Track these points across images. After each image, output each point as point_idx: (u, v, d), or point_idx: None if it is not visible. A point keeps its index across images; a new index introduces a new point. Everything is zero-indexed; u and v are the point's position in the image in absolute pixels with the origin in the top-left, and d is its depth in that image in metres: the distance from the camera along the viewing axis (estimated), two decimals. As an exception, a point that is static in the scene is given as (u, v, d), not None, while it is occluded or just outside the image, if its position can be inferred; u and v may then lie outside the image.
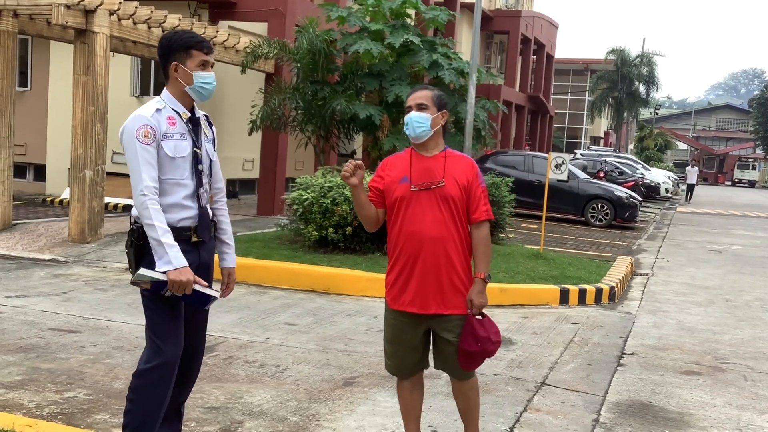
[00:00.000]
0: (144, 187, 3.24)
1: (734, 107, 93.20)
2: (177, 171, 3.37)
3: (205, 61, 3.41)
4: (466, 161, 3.76)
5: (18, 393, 4.62)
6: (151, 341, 3.39)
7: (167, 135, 3.34)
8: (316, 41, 11.15)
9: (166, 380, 3.39)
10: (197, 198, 3.45)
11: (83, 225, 10.32)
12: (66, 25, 9.91)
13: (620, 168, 26.79)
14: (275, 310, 7.43)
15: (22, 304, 7.01)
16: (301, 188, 9.80)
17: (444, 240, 3.61)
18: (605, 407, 5.12)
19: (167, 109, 3.39)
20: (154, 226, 3.23)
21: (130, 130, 3.29)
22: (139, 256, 3.38)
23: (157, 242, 3.23)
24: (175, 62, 3.38)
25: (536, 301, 8.33)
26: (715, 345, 7.10)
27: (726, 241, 16.65)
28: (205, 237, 3.49)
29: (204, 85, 3.42)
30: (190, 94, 3.43)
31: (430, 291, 3.62)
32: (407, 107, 3.75)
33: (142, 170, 3.25)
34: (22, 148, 16.06)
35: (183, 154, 3.39)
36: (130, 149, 3.28)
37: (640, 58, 51.31)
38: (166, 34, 3.50)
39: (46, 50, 15.97)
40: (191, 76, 3.39)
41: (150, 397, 3.37)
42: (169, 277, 3.23)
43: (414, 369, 3.83)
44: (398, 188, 3.67)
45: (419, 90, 3.82)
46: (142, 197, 3.24)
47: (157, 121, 3.32)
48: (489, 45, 33.59)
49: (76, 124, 10.31)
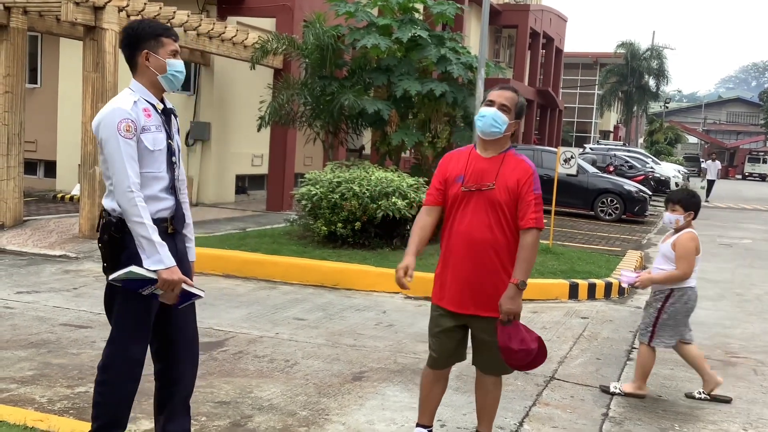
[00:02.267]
0: (131, 183, 3.17)
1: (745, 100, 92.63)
2: (155, 164, 3.31)
3: (175, 50, 3.37)
4: (523, 166, 3.68)
5: (30, 388, 4.65)
6: (117, 337, 3.34)
7: (145, 128, 3.27)
8: (324, 36, 11.14)
9: (129, 375, 3.35)
10: (173, 190, 3.41)
11: (94, 221, 10.35)
12: (75, 21, 9.94)
13: (630, 162, 26.65)
14: (285, 305, 7.45)
15: (33, 300, 7.06)
16: (310, 184, 9.82)
17: (488, 243, 3.62)
18: (614, 401, 5.12)
19: (141, 101, 3.33)
20: (144, 224, 3.17)
21: (111, 124, 3.20)
22: (116, 250, 3.29)
23: (147, 240, 3.18)
24: (146, 50, 3.32)
25: (545, 295, 8.32)
26: (726, 339, 7.07)
27: (736, 235, 16.57)
28: (180, 228, 3.47)
29: (176, 74, 3.37)
30: (161, 83, 3.37)
31: (470, 292, 3.66)
32: (489, 101, 3.69)
33: (127, 166, 3.18)
34: (32, 145, 16.13)
35: (160, 147, 3.33)
36: (112, 144, 3.19)
37: (649, 52, 51.08)
38: (131, 22, 3.41)
39: (56, 47, 16.03)
40: (164, 64, 3.33)
41: (116, 390, 3.34)
42: (161, 276, 3.19)
43: (449, 360, 3.88)
44: (454, 186, 3.71)
45: (508, 90, 3.72)
46: (129, 194, 3.17)
47: (135, 113, 3.25)
48: (498, 39, 33.51)
49: (86, 121, 10.34)
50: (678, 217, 5.11)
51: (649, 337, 5.19)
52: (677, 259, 5.05)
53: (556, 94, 36.87)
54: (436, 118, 11.66)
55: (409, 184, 9.77)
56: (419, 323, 6.91)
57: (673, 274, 5.05)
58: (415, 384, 5.06)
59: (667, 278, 5.07)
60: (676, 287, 5.11)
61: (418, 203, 9.61)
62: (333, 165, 10.40)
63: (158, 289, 3.25)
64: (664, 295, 5.15)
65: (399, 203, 9.29)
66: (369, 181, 9.49)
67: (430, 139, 11.55)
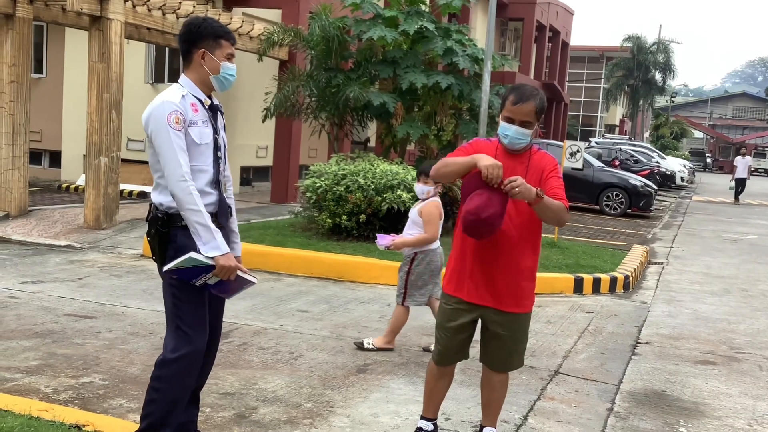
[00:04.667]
0: (184, 172, 3.23)
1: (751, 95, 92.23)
2: (201, 157, 3.37)
3: (231, 53, 3.44)
4: (547, 158, 3.67)
5: (35, 378, 4.66)
6: (179, 330, 3.38)
7: (193, 122, 3.34)
8: (330, 28, 11.11)
9: (194, 369, 3.41)
10: (217, 184, 3.46)
11: (98, 211, 10.37)
12: (81, 11, 9.93)
13: (635, 156, 26.58)
14: (289, 297, 7.45)
15: (38, 290, 7.06)
16: (314, 176, 9.80)
17: (512, 240, 3.59)
18: (619, 396, 5.10)
19: (189, 95, 3.38)
20: (201, 211, 3.24)
21: (160, 116, 3.26)
22: (164, 245, 3.37)
23: (204, 227, 3.24)
24: (203, 49, 3.37)
25: (550, 289, 8.31)
26: (731, 335, 7.05)
27: (742, 231, 16.52)
28: (225, 223, 3.52)
29: (228, 76, 3.45)
30: (212, 83, 3.43)
31: (492, 286, 3.64)
32: (507, 117, 3.54)
33: (179, 156, 3.24)
34: (37, 135, 16.15)
35: (207, 141, 3.39)
36: (162, 135, 3.25)
37: (656, 46, 50.86)
38: (193, 19, 3.46)
39: (62, 37, 16.01)
40: (219, 66, 3.40)
41: (177, 386, 3.38)
42: (219, 262, 3.25)
43: (456, 357, 3.86)
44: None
45: (526, 104, 3.51)
46: (183, 182, 3.22)
47: (184, 107, 3.32)
48: (504, 32, 33.37)
49: (91, 111, 10.34)
50: (429, 188, 5.58)
51: (402, 297, 5.64)
52: (425, 224, 5.52)
53: (561, 87, 36.74)
54: (442, 111, 11.63)
55: (414, 176, 9.74)
56: (423, 316, 6.90)
57: (423, 237, 5.53)
58: (419, 377, 5.05)
59: (418, 241, 5.54)
60: (419, 251, 5.59)
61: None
62: (338, 157, 10.38)
63: (212, 277, 3.29)
64: (410, 258, 5.62)
65: (404, 196, 9.26)
66: (374, 173, 9.48)
67: (436, 132, 11.52)
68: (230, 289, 3.44)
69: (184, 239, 3.32)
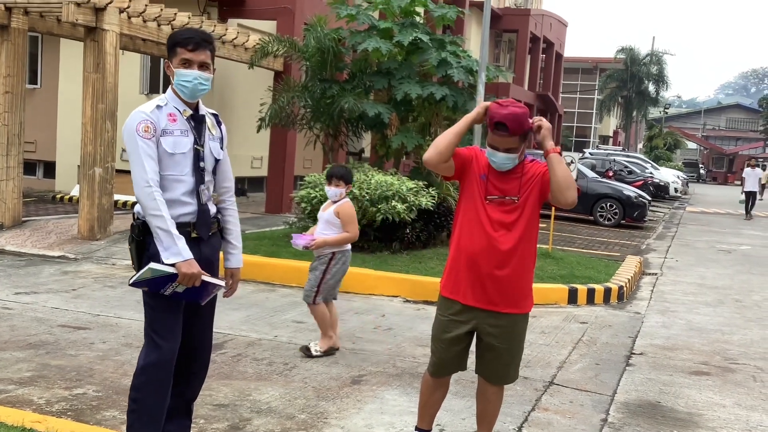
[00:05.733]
0: (149, 178, 3.24)
1: (744, 107, 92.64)
2: (177, 167, 3.36)
3: (186, 59, 3.34)
4: (537, 165, 3.71)
5: (28, 389, 4.64)
6: (150, 338, 3.40)
7: (166, 131, 3.33)
8: (325, 39, 11.14)
9: (165, 377, 3.40)
10: (197, 195, 3.43)
11: (93, 222, 10.35)
12: (76, 22, 9.94)
13: (629, 167, 26.67)
14: (283, 307, 7.44)
15: (31, 301, 7.04)
16: (309, 186, 9.81)
17: (510, 249, 3.61)
18: (614, 407, 5.11)
19: (169, 106, 3.39)
20: (163, 216, 3.22)
21: (131, 126, 3.31)
22: (139, 252, 3.38)
23: (165, 232, 3.23)
24: (167, 60, 3.42)
25: (544, 300, 8.31)
26: (725, 345, 7.07)
27: (735, 241, 16.57)
28: (204, 234, 3.47)
29: (184, 83, 3.36)
30: (178, 93, 3.40)
31: (489, 290, 3.64)
32: (492, 145, 3.59)
33: (145, 163, 3.26)
34: (32, 145, 16.12)
35: (183, 151, 3.37)
36: (131, 144, 3.29)
37: (649, 57, 51.18)
38: None
39: (57, 48, 16.02)
40: (174, 74, 3.38)
41: (154, 394, 3.38)
42: (180, 269, 3.23)
43: (451, 368, 3.87)
44: (477, 182, 3.68)
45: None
46: (147, 188, 3.24)
47: (156, 117, 3.33)
48: (498, 43, 33.53)
49: (85, 122, 10.34)
50: (341, 190, 5.76)
51: (314, 297, 5.76)
52: (346, 224, 5.69)
53: (555, 98, 36.89)
54: (437, 122, 11.67)
55: (409, 187, 9.76)
56: (418, 327, 6.90)
57: (346, 236, 5.71)
58: (413, 388, 5.05)
59: (340, 240, 5.71)
60: (338, 250, 5.74)
61: (417, 207, 9.61)
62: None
63: (179, 285, 3.28)
64: (327, 258, 5.75)
65: (399, 207, 9.28)
66: (369, 184, 9.49)
67: (430, 142, 11.52)
68: (200, 295, 3.41)
69: (155, 247, 3.31)
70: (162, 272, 3.23)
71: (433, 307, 7.59)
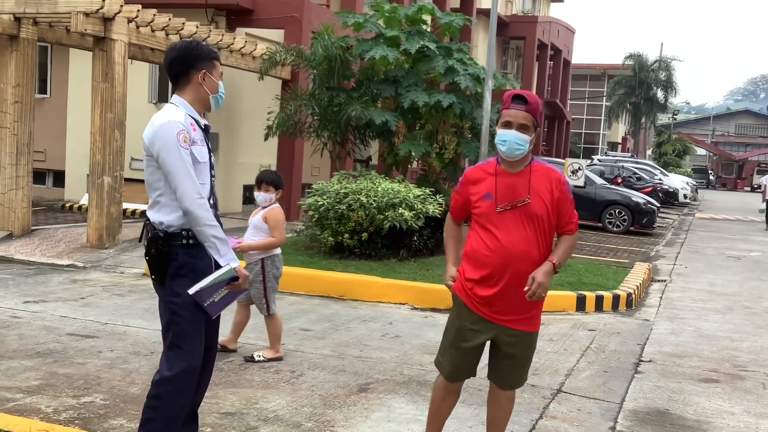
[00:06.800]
0: (199, 190, 3.33)
1: (753, 112, 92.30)
2: (200, 176, 3.42)
3: (222, 72, 3.59)
4: (552, 175, 3.64)
5: (35, 398, 4.65)
6: (175, 347, 3.41)
7: (194, 140, 3.41)
8: (332, 48, 11.18)
9: (191, 385, 3.44)
10: (214, 201, 3.54)
11: (101, 231, 10.40)
12: (85, 32, 10.01)
13: (638, 173, 26.61)
14: (291, 315, 7.44)
15: (40, 309, 7.07)
16: (317, 194, 9.83)
17: (530, 257, 3.56)
18: (622, 414, 5.08)
19: (187, 115, 3.44)
20: (217, 226, 3.36)
21: (169, 136, 3.31)
22: (164, 263, 3.40)
23: (222, 241, 3.36)
24: (204, 71, 3.46)
25: (552, 307, 8.28)
26: (734, 352, 7.02)
27: (745, 248, 16.49)
28: None
29: (222, 95, 3.58)
30: (210, 102, 3.52)
31: (507, 303, 3.60)
32: (506, 122, 3.55)
33: (192, 174, 3.33)
34: (41, 155, 16.20)
35: (205, 160, 3.47)
36: (174, 154, 3.30)
37: (657, 63, 51.03)
38: (188, 42, 3.57)
39: (66, 57, 16.12)
40: (217, 85, 3.50)
41: (174, 404, 3.40)
42: (240, 272, 3.37)
43: (465, 375, 3.86)
44: (483, 204, 3.61)
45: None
46: (200, 200, 3.32)
47: (187, 126, 3.40)
48: (505, 51, 33.54)
49: (94, 131, 10.40)
50: (271, 195, 5.81)
51: (267, 308, 5.81)
52: (273, 228, 5.72)
53: (563, 105, 36.86)
54: (444, 129, 11.68)
55: (416, 195, 9.77)
56: (426, 335, 6.89)
57: (272, 241, 5.73)
58: (420, 396, 5.04)
59: (267, 244, 5.74)
60: (265, 256, 5.76)
61: (425, 214, 9.61)
62: (340, 175, 10.41)
63: (224, 291, 3.41)
64: (258, 267, 5.75)
65: (406, 214, 9.28)
66: (376, 192, 9.50)
67: (438, 150, 11.55)
68: (220, 306, 3.49)
69: (185, 257, 3.35)
70: (222, 277, 3.35)
71: (441, 314, 7.60)
